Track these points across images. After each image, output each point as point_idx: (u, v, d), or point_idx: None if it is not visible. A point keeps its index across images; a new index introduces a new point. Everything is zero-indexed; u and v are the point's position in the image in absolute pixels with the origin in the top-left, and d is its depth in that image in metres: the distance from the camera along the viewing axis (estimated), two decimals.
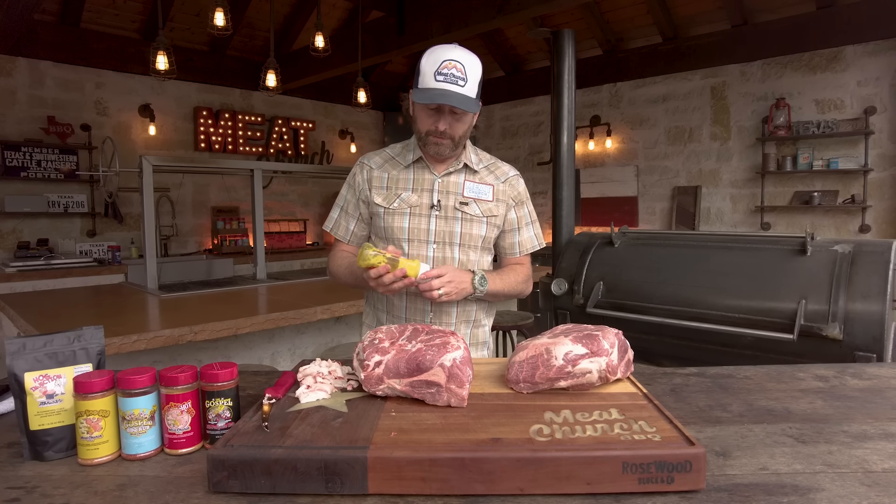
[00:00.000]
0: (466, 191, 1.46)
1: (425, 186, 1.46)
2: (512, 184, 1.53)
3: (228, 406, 0.94)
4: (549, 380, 0.99)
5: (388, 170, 1.49)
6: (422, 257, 1.46)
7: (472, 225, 1.46)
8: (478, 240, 1.48)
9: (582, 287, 2.28)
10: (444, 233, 1.45)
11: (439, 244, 1.46)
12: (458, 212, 1.45)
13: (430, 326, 1.10)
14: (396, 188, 1.47)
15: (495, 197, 1.49)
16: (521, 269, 1.56)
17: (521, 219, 1.54)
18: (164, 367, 0.95)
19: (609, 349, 1.01)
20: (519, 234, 1.55)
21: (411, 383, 0.96)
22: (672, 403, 1.12)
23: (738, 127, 5.05)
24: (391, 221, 1.46)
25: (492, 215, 1.48)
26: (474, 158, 1.51)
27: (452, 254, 1.46)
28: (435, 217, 1.45)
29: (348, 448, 0.79)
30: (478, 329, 1.56)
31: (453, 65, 1.31)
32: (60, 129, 4.58)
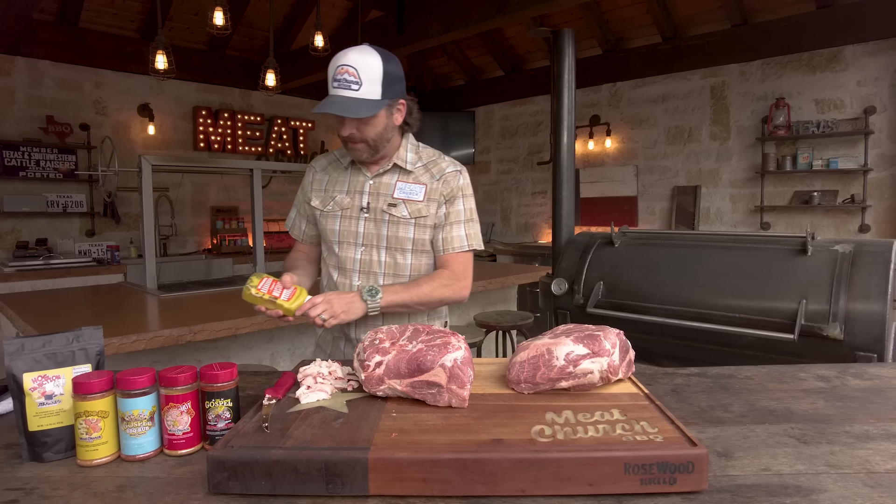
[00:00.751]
0: (397, 192, 1.44)
1: (357, 188, 1.46)
2: (447, 180, 1.45)
3: (228, 407, 0.93)
4: (550, 380, 0.99)
5: (330, 172, 1.51)
6: (349, 260, 1.46)
7: (398, 227, 1.44)
8: (405, 242, 1.44)
9: (582, 287, 2.27)
10: (372, 235, 1.45)
11: (367, 247, 1.45)
12: (386, 214, 1.43)
13: (430, 327, 1.10)
14: (333, 191, 1.48)
15: (427, 196, 1.43)
16: (441, 274, 1.45)
17: (450, 215, 1.46)
18: (163, 368, 0.95)
19: (610, 349, 1.00)
20: (444, 231, 1.46)
21: (412, 384, 0.96)
22: (673, 404, 1.12)
23: (738, 127, 5.04)
24: (325, 223, 1.48)
25: (420, 216, 1.43)
26: (411, 157, 1.47)
27: (379, 257, 1.45)
28: (364, 219, 1.45)
29: (349, 449, 0.79)
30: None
31: (345, 70, 1.29)
32: (59, 129, 4.57)
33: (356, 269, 1.46)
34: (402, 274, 1.47)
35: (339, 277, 1.48)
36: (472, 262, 1.52)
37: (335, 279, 1.49)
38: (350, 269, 1.46)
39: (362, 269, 1.46)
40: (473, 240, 1.49)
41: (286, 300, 1.27)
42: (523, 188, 6.65)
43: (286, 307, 1.26)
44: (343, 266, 1.47)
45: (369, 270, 1.46)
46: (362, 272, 1.46)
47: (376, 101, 1.32)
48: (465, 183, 1.49)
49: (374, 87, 1.31)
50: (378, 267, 1.45)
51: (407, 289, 1.41)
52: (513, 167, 6.76)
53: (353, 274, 1.46)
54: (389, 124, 1.39)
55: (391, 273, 1.46)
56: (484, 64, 6.80)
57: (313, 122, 6.47)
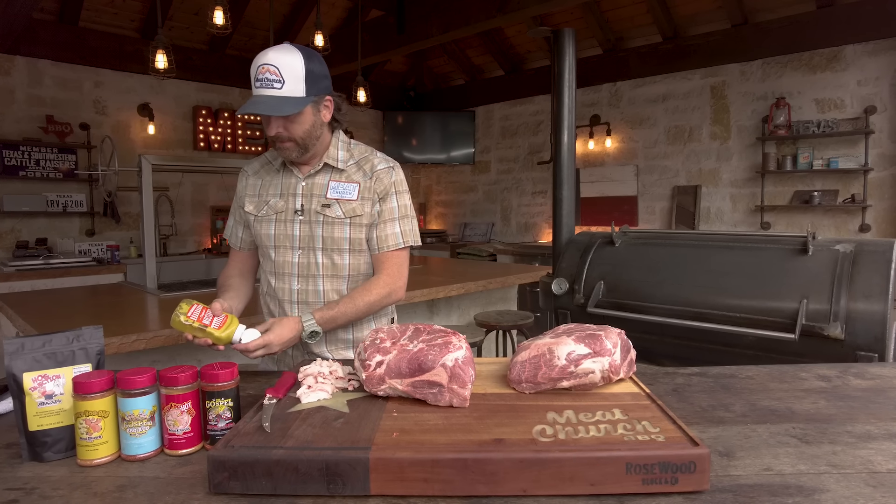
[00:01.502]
0: (330, 192, 1.43)
1: (290, 190, 1.45)
2: (379, 177, 1.44)
3: (229, 406, 0.93)
4: (551, 380, 0.99)
5: (263, 176, 1.49)
6: (287, 264, 1.44)
7: (333, 228, 1.42)
8: (341, 242, 1.43)
9: (583, 286, 2.27)
10: (308, 237, 1.43)
11: (304, 249, 1.44)
12: (321, 215, 1.42)
13: (431, 326, 1.10)
14: (266, 194, 1.47)
15: (360, 195, 1.42)
16: (377, 285, 1.44)
17: (384, 212, 1.45)
18: (163, 368, 0.95)
19: (612, 349, 1.00)
20: (378, 229, 1.46)
21: (413, 383, 0.95)
22: (675, 403, 1.12)
23: (738, 126, 5.04)
24: (259, 228, 1.46)
25: (355, 215, 1.42)
26: (342, 156, 1.46)
27: (317, 259, 1.44)
28: (299, 222, 1.43)
29: (350, 449, 0.79)
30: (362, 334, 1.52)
31: (266, 69, 1.27)
32: (59, 129, 4.57)
33: (294, 273, 1.44)
34: (340, 274, 1.45)
35: (278, 283, 1.46)
36: (408, 259, 1.52)
37: (273, 284, 1.48)
38: (288, 274, 1.45)
39: (301, 273, 1.44)
40: (409, 236, 1.48)
41: (216, 328, 1.22)
42: (523, 188, 6.65)
43: (216, 336, 1.22)
44: (281, 271, 1.45)
45: (308, 273, 1.44)
46: (301, 276, 1.44)
47: (300, 99, 1.30)
48: (399, 179, 1.48)
49: (298, 85, 1.29)
50: (317, 269, 1.44)
51: (344, 313, 1.39)
52: (513, 167, 6.76)
53: (291, 278, 1.45)
54: (317, 121, 1.38)
55: (330, 274, 1.45)
56: (484, 63, 6.80)
57: None
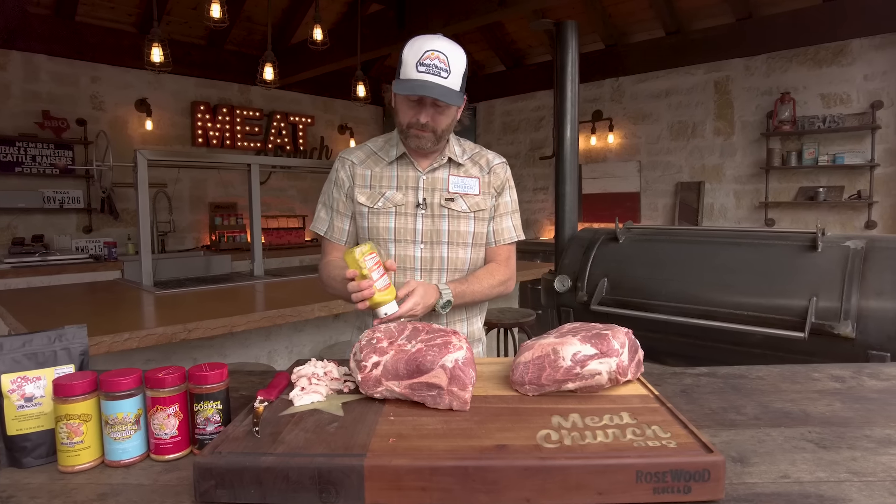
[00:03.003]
0: (452, 186, 1.41)
1: (410, 184, 1.40)
2: (497, 172, 1.47)
3: (218, 409, 0.89)
4: (556, 382, 0.94)
5: (371, 166, 1.43)
6: (409, 258, 1.40)
7: (459, 222, 1.41)
8: (466, 237, 1.42)
9: (586, 284, 2.23)
10: (431, 232, 1.40)
11: (427, 244, 1.40)
12: (445, 209, 1.40)
13: (430, 325, 1.05)
14: (380, 186, 1.41)
15: (481, 190, 1.44)
16: (498, 271, 1.47)
17: (500, 206, 1.48)
18: (150, 369, 0.90)
19: (619, 349, 0.96)
20: (494, 223, 1.47)
21: (411, 385, 0.91)
22: (683, 405, 1.07)
23: (742, 122, 4.99)
24: (376, 221, 1.40)
25: (479, 210, 1.43)
26: (458, 151, 1.45)
27: (441, 253, 1.41)
28: (421, 216, 1.40)
29: (344, 455, 0.74)
30: (472, 326, 1.52)
31: (436, 55, 1.24)
32: (55, 124, 4.52)
33: (417, 268, 1.41)
34: (462, 268, 1.44)
35: (398, 277, 1.42)
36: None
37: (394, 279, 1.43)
38: (410, 268, 1.41)
39: (424, 267, 1.41)
40: (520, 230, 1.53)
41: (379, 288, 1.18)
42: (525, 184, 6.60)
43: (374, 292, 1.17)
44: (401, 265, 1.41)
45: (431, 268, 1.41)
46: (424, 270, 1.41)
47: (459, 93, 1.29)
48: (510, 174, 1.52)
49: (458, 78, 1.28)
50: (440, 263, 1.41)
51: (472, 291, 1.39)
52: (514, 163, 6.69)
53: (414, 273, 1.41)
54: (456, 118, 1.37)
55: (453, 268, 1.43)
56: (485, 59, 6.74)
57: (313, 118, 6.42)
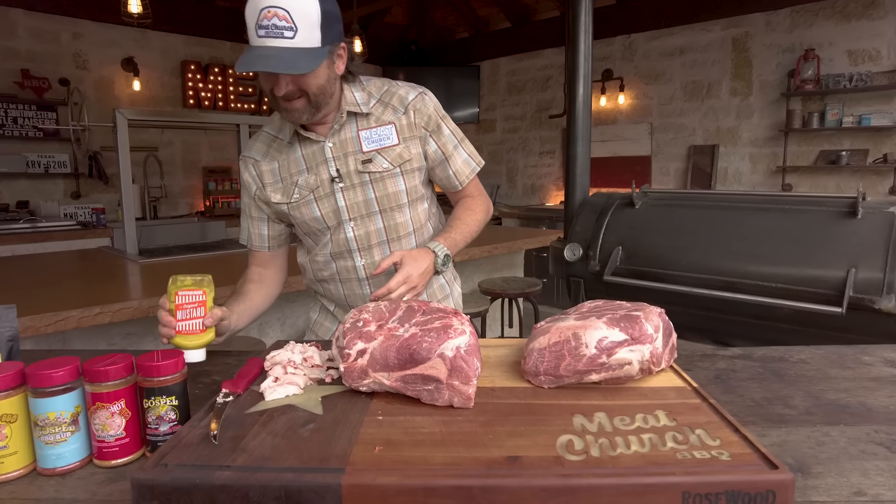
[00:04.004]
0: (365, 143, 1.20)
1: (318, 159, 1.21)
2: (417, 109, 1.22)
3: (173, 406, 0.74)
4: (577, 373, 0.79)
5: (275, 156, 1.24)
6: (342, 241, 1.24)
7: (385, 184, 1.21)
8: (399, 197, 1.23)
9: (598, 252, 2.07)
10: (358, 205, 1.22)
11: (356, 219, 1.23)
12: (364, 174, 1.20)
13: (427, 304, 0.90)
14: (290, 175, 1.23)
15: (401, 136, 1.21)
16: (475, 204, 1.33)
17: (444, 145, 1.26)
18: (91, 357, 0.75)
19: (653, 334, 0.80)
20: (450, 164, 1.27)
21: (403, 378, 0.76)
22: (720, 395, 0.92)
23: (761, 81, 4.72)
24: (300, 216, 1.24)
25: (404, 161, 1.21)
26: (359, 98, 1.20)
27: (375, 225, 1.24)
28: (341, 191, 1.21)
29: (318, 471, 0.60)
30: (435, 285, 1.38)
31: (273, 13, 0.98)
32: (36, 84, 4.28)
33: (354, 249, 1.25)
34: (403, 234, 1.27)
35: (339, 263, 1.27)
36: None
37: (335, 266, 1.28)
38: (346, 251, 1.25)
39: (360, 247, 1.25)
40: (476, 156, 1.34)
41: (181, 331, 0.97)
42: (530, 147, 6.36)
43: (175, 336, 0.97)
44: (338, 250, 1.25)
45: (368, 245, 1.25)
46: (361, 249, 1.25)
47: (317, 50, 1.03)
48: (437, 103, 1.26)
49: (313, 33, 1.02)
50: (378, 237, 1.25)
51: (462, 235, 1.27)
52: (519, 125, 6.45)
53: (353, 255, 1.25)
54: (332, 75, 1.12)
55: (395, 237, 1.26)
56: (490, 15, 6.40)
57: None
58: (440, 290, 1.38)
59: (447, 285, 1.40)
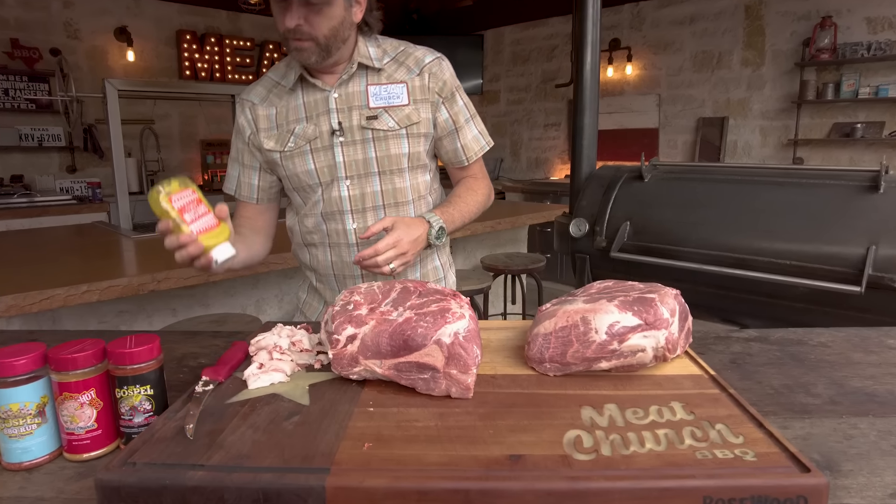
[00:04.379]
0: (372, 99, 1.13)
1: (319, 109, 1.14)
2: (433, 73, 1.16)
3: (148, 395, 0.69)
4: (585, 360, 0.73)
5: (274, 102, 1.17)
6: (335, 200, 1.16)
7: (388, 144, 1.14)
8: (400, 161, 1.16)
9: (605, 228, 1.99)
10: (356, 163, 1.14)
11: (353, 178, 1.15)
12: (367, 130, 1.13)
13: (425, 285, 0.83)
14: (287, 122, 1.15)
15: (412, 97, 1.15)
16: (478, 185, 1.27)
17: (456, 115, 1.20)
18: (59, 343, 0.70)
19: (669, 319, 0.74)
20: (460, 137, 1.22)
21: (397, 366, 0.70)
22: (737, 382, 0.87)
23: (774, 51, 4.56)
24: (292, 167, 1.16)
25: (411, 123, 1.15)
26: (374, 53, 1.15)
27: (372, 187, 1.16)
28: (340, 145, 1.13)
29: (300, 471, 0.54)
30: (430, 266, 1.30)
31: None
32: (26, 54, 4.16)
33: (347, 210, 1.17)
34: (401, 200, 1.19)
35: (330, 225, 1.19)
36: None
37: (324, 229, 1.20)
38: (338, 212, 1.18)
39: (354, 208, 1.17)
40: (486, 136, 1.29)
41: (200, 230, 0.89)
42: (535, 120, 6.22)
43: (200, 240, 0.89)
44: (329, 210, 1.18)
45: (363, 207, 1.18)
46: (355, 211, 1.17)
47: None
48: (453, 72, 1.21)
49: None
50: (373, 200, 1.17)
51: (461, 213, 1.20)
52: (524, 97, 6.29)
53: (344, 217, 1.18)
54: (347, 19, 1.07)
55: (391, 203, 1.19)
56: None
57: None
58: (434, 272, 1.30)
59: (441, 269, 1.32)
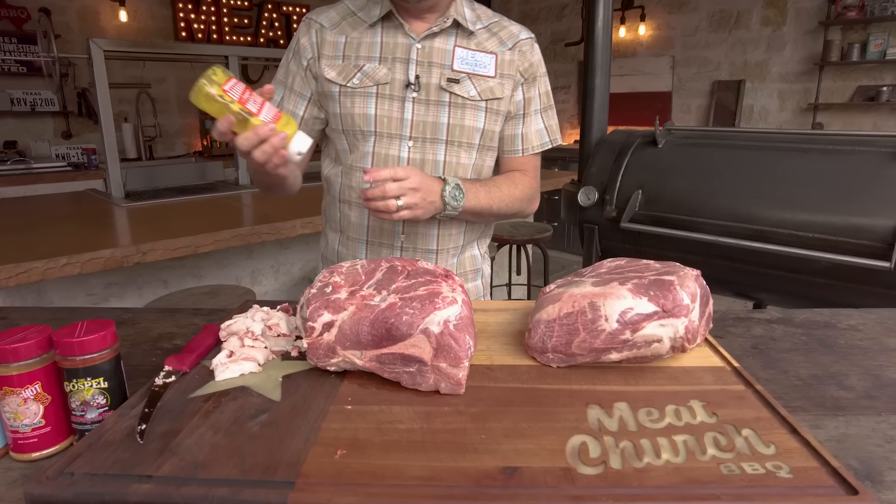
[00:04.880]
0: (458, 62, 1.02)
1: (398, 54, 1.02)
2: (523, 51, 1.08)
3: (101, 389, 0.61)
4: (593, 351, 0.65)
5: (346, 31, 1.04)
6: (391, 159, 1.03)
7: (464, 113, 1.03)
8: (473, 134, 1.05)
9: (615, 196, 1.89)
10: (425, 125, 1.03)
11: (417, 141, 1.03)
12: (446, 93, 1.02)
13: (415, 263, 0.75)
14: (357, 57, 1.02)
15: (499, 71, 1.05)
16: (523, 181, 1.13)
17: (528, 102, 1.10)
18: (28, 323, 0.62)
19: (690, 305, 0.65)
20: (523, 124, 1.11)
21: (379, 357, 0.62)
22: (760, 371, 0.78)
23: (796, 9, 4.31)
24: (350, 106, 1.02)
25: (493, 98, 1.05)
26: (469, 15, 1.05)
27: (435, 155, 1.04)
28: (412, 101, 1.02)
29: (259, 484, 0.47)
30: (473, 251, 1.18)
31: None
32: (14, 14, 4.00)
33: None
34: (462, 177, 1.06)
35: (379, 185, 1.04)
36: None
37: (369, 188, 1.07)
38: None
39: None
40: (555, 133, 1.16)
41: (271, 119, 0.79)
42: None
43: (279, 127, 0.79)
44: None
45: None
46: None
47: None
48: (541, 57, 1.12)
49: None
50: (433, 169, 1.05)
51: (488, 191, 1.05)
52: None
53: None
54: None
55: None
56: None
57: (308, 7, 5.76)
58: (471, 261, 1.17)
59: (479, 258, 1.20)
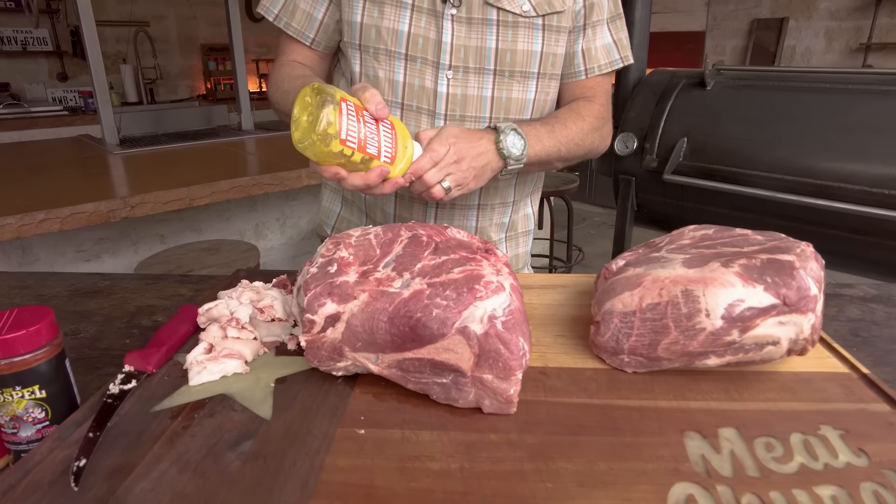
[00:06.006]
0: None
1: None
2: None
3: (37, 400, 0.47)
4: (686, 355, 0.48)
5: None
6: (425, 93, 0.82)
7: (515, 34, 0.81)
8: (528, 61, 0.83)
9: (657, 145, 1.68)
10: (467, 50, 0.81)
11: (458, 71, 0.82)
12: (492, 8, 0.80)
13: (443, 232, 0.58)
14: None
15: None
16: (589, 110, 0.89)
17: (591, 9, 0.86)
18: None
19: (817, 295, 0.48)
20: (584, 37, 0.87)
21: (401, 364, 0.47)
22: (869, 368, 0.62)
23: None
24: (378, 16, 0.81)
25: (553, 12, 0.82)
26: None
27: (481, 90, 0.83)
28: (451, 19, 0.80)
29: None
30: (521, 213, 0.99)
31: None
32: None
33: (440, 113, 0.83)
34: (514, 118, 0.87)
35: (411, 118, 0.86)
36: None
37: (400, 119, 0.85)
38: (426, 111, 0.84)
39: (449, 112, 0.83)
40: (622, 49, 0.93)
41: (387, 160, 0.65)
42: None
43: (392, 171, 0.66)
44: (410, 104, 0.84)
45: (460, 115, 0.84)
46: (449, 116, 0.83)
47: None
48: None
49: None
50: (477, 107, 0.84)
51: (551, 130, 0.83)
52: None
53: (433, 119, 0.84)
54: None
55: (498, 119, 0.86)
56: None
57: None
58: (524, 221, 0.99)
59: (532, 217, 1.01)
